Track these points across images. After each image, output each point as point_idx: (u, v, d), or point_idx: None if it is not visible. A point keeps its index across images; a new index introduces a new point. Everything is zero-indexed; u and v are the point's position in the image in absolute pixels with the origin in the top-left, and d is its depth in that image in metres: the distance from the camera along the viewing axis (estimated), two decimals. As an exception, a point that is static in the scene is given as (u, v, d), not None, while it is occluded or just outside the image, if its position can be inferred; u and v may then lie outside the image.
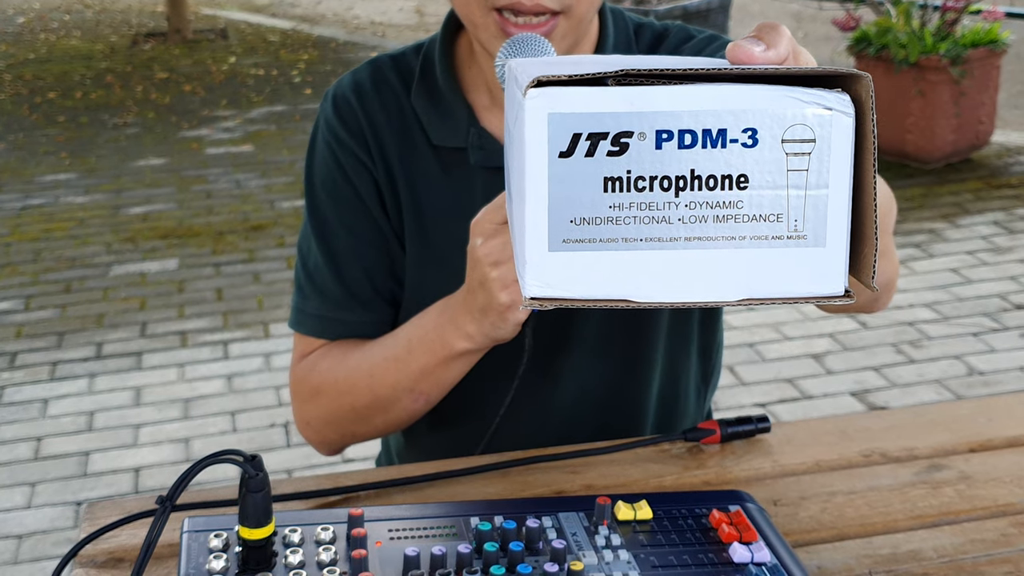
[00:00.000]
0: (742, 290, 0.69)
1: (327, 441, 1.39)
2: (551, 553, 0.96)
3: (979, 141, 5.68)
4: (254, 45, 9.33)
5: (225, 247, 5.00)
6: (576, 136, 0.66)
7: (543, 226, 0.68)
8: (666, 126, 0.67)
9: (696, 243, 0.68)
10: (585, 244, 0.68)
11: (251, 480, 0.93)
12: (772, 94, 0.67)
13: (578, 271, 0.69)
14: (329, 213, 1.35)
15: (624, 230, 0.68)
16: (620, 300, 0.69)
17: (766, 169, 0.67)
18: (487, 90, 1.32)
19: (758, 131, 0.67)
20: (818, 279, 0.69)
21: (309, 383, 1.35)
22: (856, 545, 1.10)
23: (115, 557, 1.09)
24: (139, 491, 3.23)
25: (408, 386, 1.26)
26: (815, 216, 0.68)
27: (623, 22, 1.33)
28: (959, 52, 5.33)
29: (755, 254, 0.68)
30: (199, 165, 6.19)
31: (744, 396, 3.60)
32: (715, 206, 0.67)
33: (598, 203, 0.67)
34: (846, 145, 0.68)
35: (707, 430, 1.27)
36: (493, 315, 1.12)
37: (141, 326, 4.27)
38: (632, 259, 0.68)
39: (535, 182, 0.67)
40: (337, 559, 0.96)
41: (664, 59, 0.92)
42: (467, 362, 1.24)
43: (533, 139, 0.67)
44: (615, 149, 0.67)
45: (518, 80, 0.73)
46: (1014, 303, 4.17)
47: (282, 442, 3.43)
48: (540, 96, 0.66)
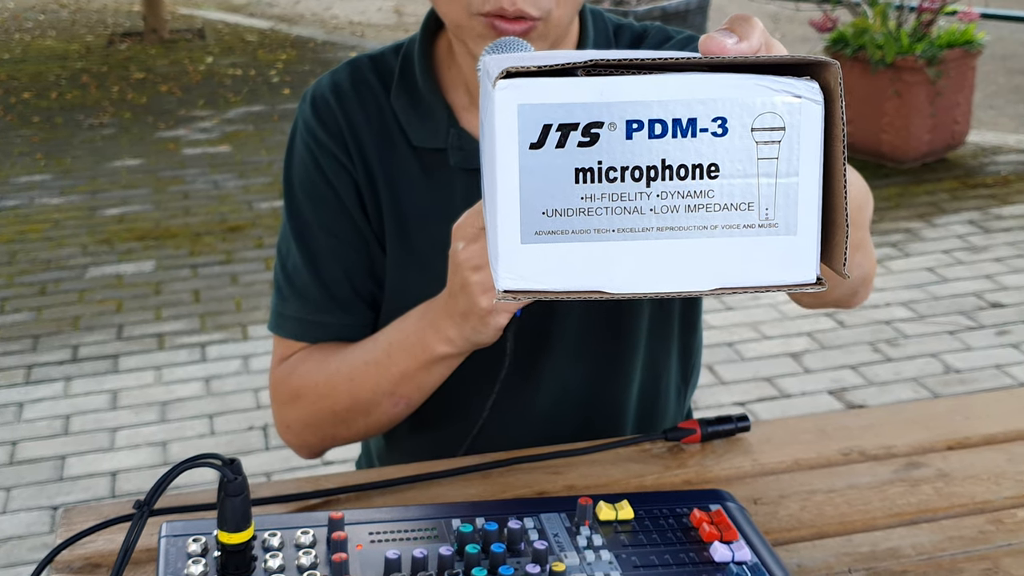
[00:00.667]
0: (714, 279, 0.69)
1: (307, 445, 1.38)
2: (533, 554, 0.96)
3: (955, 141, 5.71)
4: (232, 45, 9.30)
5: (202, 248, 4.98)
6: (546, 127, 0.66)
7: (515, 218, 0.68)
8: (636, 116, 0.67)
9: (668, 233, 0.68)
10: (557, 236, 0.68)
11: (229, 484, 0.92)
12: (741, 83, 0.67)
13: (551, 263, 0.68)
14: (308, 215, 1.34)
15: (596, 221, 0.68)
16: (594, 292, 0.69)
17: (736, 158, 0.67)
18: (466, 91, 1.31)
19: (728, 120, 0.67)
20: (790, 267, 0.69)
21: (289, 386, 1.35)
22: (836, 543, 1.10)
23: (92, 563, 1.09)
24: (116, 495, 3.21)
25: (388, 390, 1.26)
26: (786, 204, 0.68)
27: (603, 23, 1.33)
28: (935, 53, 5.36)
29: (727, 243, 0.69)
30: (176, 166, 6.16)
31: (723, 395, 3.61)
32: (686, 196, 0.67)
33: (570, 194, 0.67)
34: (816, 133, 0.68)
35: (687, 430, 1.27)
36: (474, 319, 1.12)
37: (117, 328, 4.25)
38: (604, 250, 0.68)
39: (506, 174, 0.67)
40: (317, 563, 0.96)
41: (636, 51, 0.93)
42: (448, 366, 1.23)
43: (503, 131, 0.66)
44: (586, 140, 0.67)
45: (490, 74, 0.73)
46: (990, 301, 4.19)
47: (261, 445, 3.42)
48: (509, 87, 0.66)
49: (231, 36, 9.68)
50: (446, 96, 1.32)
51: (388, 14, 10.46)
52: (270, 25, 10.07)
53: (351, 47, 8.97)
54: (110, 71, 8.47)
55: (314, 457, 1.41)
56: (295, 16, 10.51)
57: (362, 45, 8.99)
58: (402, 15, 10.36)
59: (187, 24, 10.13)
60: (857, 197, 1.10)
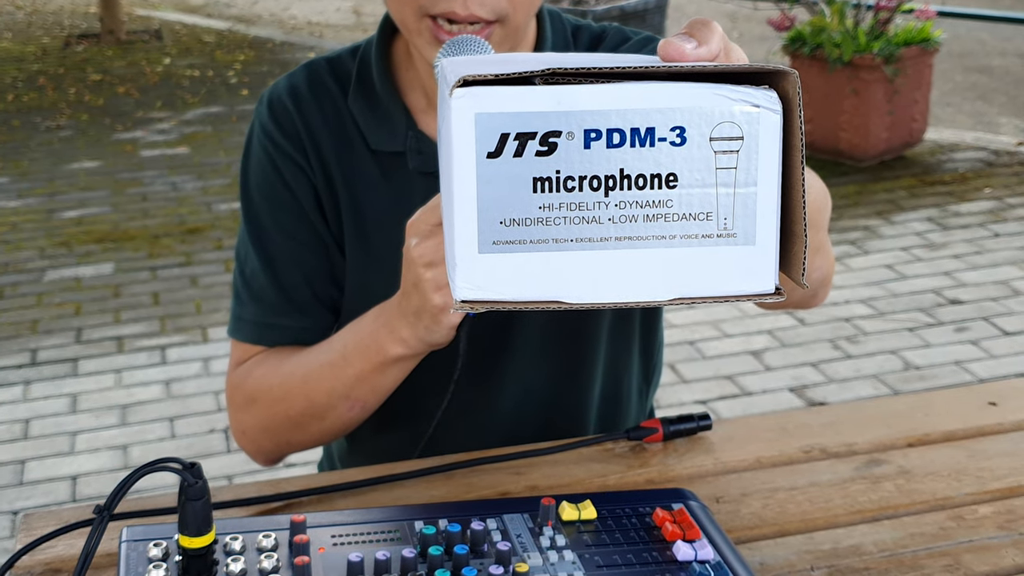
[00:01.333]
0: (673, 289, 0.69)
1: (263, 450, 1.37)
2: (496, 555, 0.96)
3: (912, 139, 5.75)
4: (189, 46, 9.24)
5: (161, 250, 4.94)
6: (504, 136, 0.66)
7: (472, 228, 0.67)
8: (594, 125, 0.66)
9: (626, 243, 0.68)
10: (515, 245, 0.68)
11: (190, 488, 0.92)
12: (699, 92, 0.66)
13: (509, 273, 0.68)
14: (266, 218, 1.33)
15: (554, 231, 0.67)
16: (552, 301, 0.69)
17: (695, 168, 0.67)
18: (424, 93, 1.31)
19: (686, 129, 0.66)
20: (749, 277, 0.69)
21: (244, 390, 1.34)
22: (798, 541, 1.11)
23: (52, 568, 1.08)
24: (77, 499, 3.18)
25: (344, 393, 1.25)
26: (744, 214, 0.68)
27: (561, 24, 1.33)
28: (892, 51, 5.40)
29: (685, 253, 0.68)
30: (134, 168, 6.12)
31: (685, 393, 3.63)
32: (645, 205, 0.67)
33: (527, 204, 0.67)
34: (774, 142, 0.68)
35: (649, 429, 1.27)
36: (427, 318, 1.11)
37: (76, 332, 4.21)
38: (563, 260, 0.68)
39: (463, 183, 0.66)
40: (279, 566, 0.95)
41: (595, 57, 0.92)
42: (403, 368, 1.22)
43: (460, 140, 0.66)
44: (544, 149, 0.66)
45: (447, 80, 0.72)
46: (948, 298, 4.23)
47: (222, 448, 3.40)
48: (466, 96, 0.66)
49: (188, 37, 9.62)
50: (404, 99, 1.32)
51: (346, 14, 10.43)
52: (228, 26, 10.02)
53: (309, 48, 8.93)
54: (67, 73, 8.40)
55: (270, 464, 1.40)
56: (253, 17, 10.46)
57: (320, 45, 8.96)
58: (360, 15, 10.33)
59: (144, 25, 10.06)
60: (816, 199, 1.11)
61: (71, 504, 3.13)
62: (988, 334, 3.95)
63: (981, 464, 1.23)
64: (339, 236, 1.33)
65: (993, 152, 5.85)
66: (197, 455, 3.32)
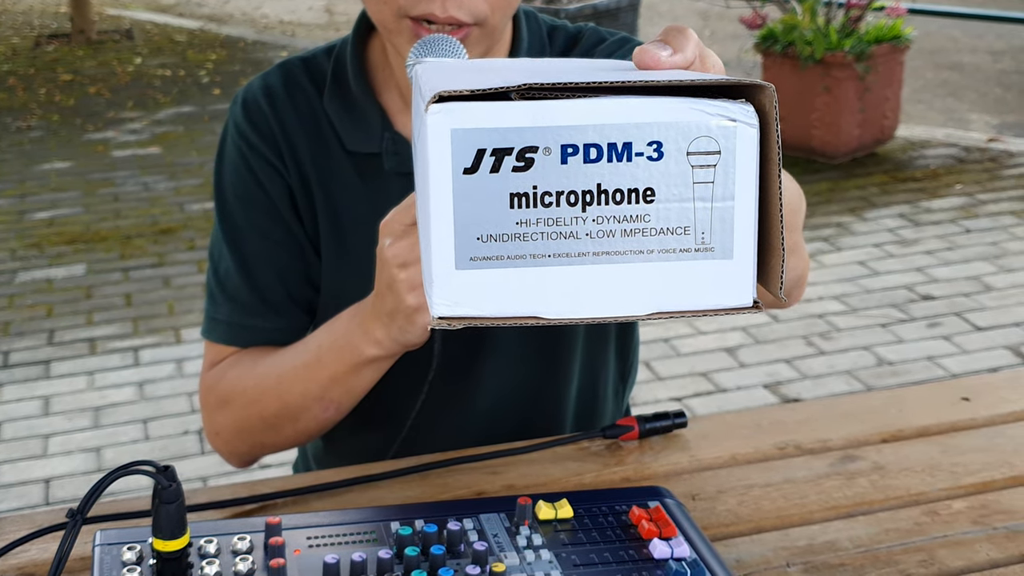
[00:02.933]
0: (651, 304, 0.69)
1: (237, 452, 1.36)
2: (473, 555, 0.96)
3: (884, 136, 5.78)
4: (160, 45, 9.20)
5: (134, 251, 4.92)
6: (480, 152, 0.66)
7: (449, 244, 0.67)
8: (571, 140, 0.66)
9: (604, 258, 0.68)
10: (493, 261, 0.67)
11: (164, 491, 0.91)
12: (676, 106, 0.67)
13: (486, 289, 0.68)
14: (240, 219, 1.32)
15: (532, 246, 0.67)
16: (530, 317, 0.69)
17: (672, 182, 0.67)
18: (400, 93, 1.31)
19: (663, 144, 0.66)
20: (726, 291, 0.69)
21: (217, 392, 1.33)
22: (773, 537, 1.11)
23: (25, 572, 1.07)
24: (50, 502, 3.16)
25: (318, 394, 1.24)
26: (722, 228, 0.68)
27: (536, 25, 1.33)
28: (863, 48, 5.43)
29: (663, 267, 0.68)
30: (106, 168, 6.08)
31: (660, 391, 3.63)
32: (622, 220, 0.67)
33: (505, 220, 0.67)
34: (751, 156, 0.68)
35: (625, 427, 1.27)
36: (401, 318, 1.11)
37: (48, 334, 4.19)
38: (540, 275, 0.68)
39: (439, 200, 0.66)
40: (255, 568, 0.95)
41: (569, 65, 0.91)
42: (377, 369, 1.22)
43: (436, 155, 0.66)
44: (520, 164, 0.66)
45: (422, 90, 0.71)
46: (920, 294, 4.26)
47: (196, 449, 3.39)
48: (442, 112, 0.65)
49: (160, 36, 9.57)
50: (379, 99, 1.31)
51: (319, 13, 10.40)
52: (199, 25, 9.97)
53: (282, 47, 8.90)
54: (37, 73, 8.34)
55: (244, 465, 1.39)
56: (224, 16, 10.41)
57: (293, 45, 8.93)
58: (333, 14, 10.30)
59: (115, 25, 10.00)
60: (791, 200, 1.11)
61: (44, 507, 3.11)
62: (960, 329, 3.97)
63: (955, 459, 1.24)
64: (314, 237, 1.33)
65: (964, 148, 5.89)
66: (171, 457, 3.31)
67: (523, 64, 0.92)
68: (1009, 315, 4.07)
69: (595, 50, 1.32)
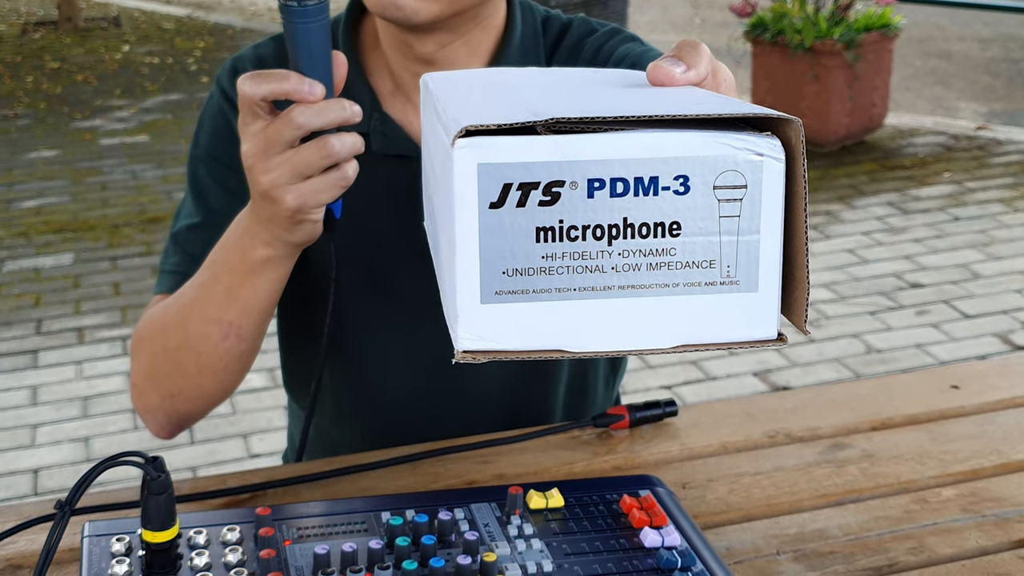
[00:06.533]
0: (676, 337, 0.69)
1: (151, 409, 1.28)
2: (464, 545, 0.96)
3: (873, 124, 5.79)
4: (148, 33, 9.17)
5: (121, 240, 4.90)
6: (507, 186, 0.65)
7: (475, 278, 0.66)
8: (598, 175, 0.65)
9: (630, 291, 0.67)
10: (518, 295, 0.67)
11: (153, 482, 0.91)
12: (703, 140, 0.66)
13: (511, 323, 0.67)
14: (209, 178, 1.30)
15: (557, 280, 0.67)
16: (555, 351, 0.68)
17: (698, 216, 0.67)
18: (390, 76, 1.30)
19: (690, 178, 0.66)
20: (751, 324, 0.69)
21: (135, 335, 1.28)
22: (763, 525, 1.11)
23: (14, 564, 1.07)
24: (39, 492, 3.16)
25: (216, 316, 1.18)
26: (747, 261, 0.68)
27: (532, 15, 1.32)
28: (853, 36, 5.44)
29: (688, 300, 0.68)
30: (93, 156, 6.06)
31: (651, 379, 3.64)
32: (648, 254, 0.67)
33: (531, 253, 0.66)
34: (777, 190, 0.67)
35: (616, 416, 1.27)
36: (282, 221, 1.06)
37: (36, 323, 4.17)
38: (566, 309, 0.67)
39: (465, 234, 0.66)
40: (245, 560, 0.94)
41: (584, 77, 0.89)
42: (271, 279, 1.15)
43: (462, 190, 0.65)
44: (547, 199, 0.65)
45: (440, 115, 0.71)
46: (909, 282, 4.27)
47: (186, 439, 3.38)
48: (469, 147, 0.65)
49: (147, 24, 9.53)
50: (369, 80, 1.31)
51: None
52: (187, 12, 9.94)
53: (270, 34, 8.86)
54: (24, 61, 8.31)
55: (166, 434, 1.30)
56: (213, 3, 10.38)
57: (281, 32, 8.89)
58: None
59: (102, 12, 9.97)
60: None
61: (33, 498, 3.11)
62: (949, 317, 3.99)
63: (944, 447, 1.24)
64: None
65: (952, 137, 5.90)
66: (160, 447, 3.30)
67: (537, 78, 0.91)
68: (997, 303, 4.08)
69: (585, 40, 1.32)
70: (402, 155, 1.27)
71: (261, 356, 1.27)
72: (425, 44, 1.23)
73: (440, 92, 0.78)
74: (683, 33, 8.47)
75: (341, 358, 1.35)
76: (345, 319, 1.32)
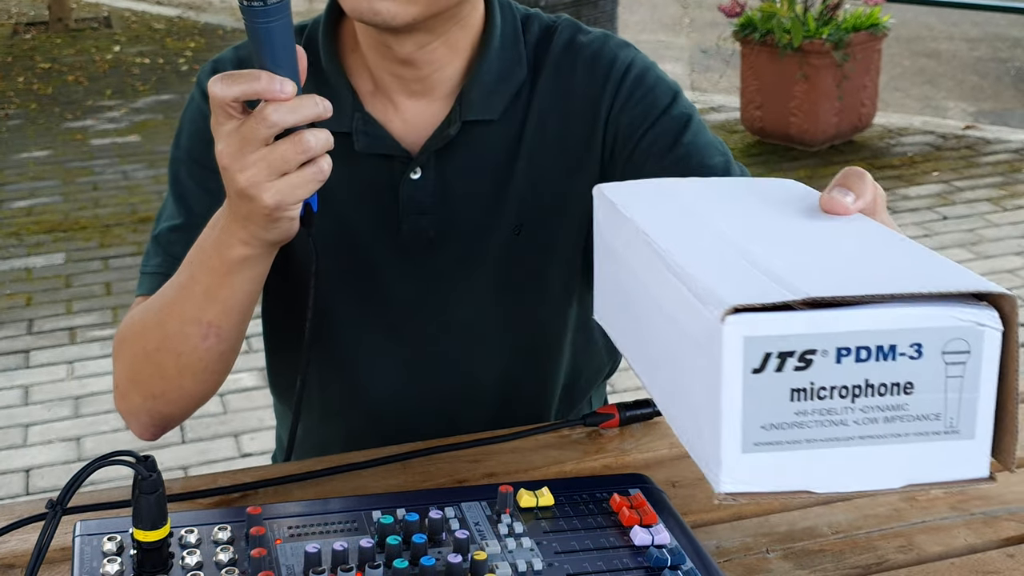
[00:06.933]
0: (903, 477, 0.79)
1: (134, 411, 1.28)
2: (454, 544, 0.96)
3: (862, 123, 5.80)
4: (139, 33, 9.15)
5: (113, 240, 4.90)
6: (767, 355, 0.75)
7: (737, 432, 0.76)
8: (846, 344, 0.75)
9: (868, 440, 0.77)
10: (773, 446, 0.77)
11: (144, 481, 0.91)
12: (936, 313, 0.75)
13: (766, 469, 0.77)
14: (190, 180, 1.30)
15: (807, 432, 0.77)
16: (802, 491, 0.78)
17: (928, 377, 0.76)
18: (370, 76, 1.30)
19: (923, 346, 0.76)
20: (967, 466, 0.79)
21: (117, 337, 1.28)
22: (753, 524, 1.11)
23: (5, 563, 1.07)
24: (31, 492, 3.15)
25: (194, 315, 1.18)
26: (967, 414, 0.78)
27: (511, 13, 1.32)
28: (841, 36, 5.45)
29: (916, 447, 0.78)
30: (84, 156, 6.05)
31: (640, 379, 3.63)
32: (885, 409, 0.77)
33: (785, 411, 0.76)
34: (995, 355, 0.77)
35: (606, 415, 1.27)
36: (259, 219, 1.06)
37: (28, 323, 4.17)
38: (813, 456, 0.77)
39: (731, 395, 0.75)
40: (236, 559, 0.95)
41: (768, 199, 1.00)
42: (249, 278, 1.15)
43: (730, 359, 0.75)
44: (801, 365, 0.75)
45: (677, 272, 0.82)
46: (899, 281, 4.27)
47: (177, 438, 3.38)
48: (738, 323, 0.74)
49: (138, 24, 9.52)
50: (350, 80, 1.31)
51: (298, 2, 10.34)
52: (178, 13, 9.93)
53: (262, 34, 8.85)
54: (15, 61, 8.29)
55: (149, 436, 1.30)
56: (203, 3, 10.37)
57: (273, 32, 8.88)
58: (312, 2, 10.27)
59: (93, 13, 9.95)
60: None
61: (24, 497, 3.10)
62: (938, 316, 3.99)
63: (932, 446, 1.24)
64: None
65: (941, 136, 5.92)
66: (152, 446, 3.30)
67: (716, 190, 1.06)
68: (987, 302, 4.09)
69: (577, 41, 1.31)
70: (384, 154, 1.28)
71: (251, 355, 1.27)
72: (404, 45, 1.23)
73: (647, 226, 0.91)
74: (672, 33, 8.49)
75: (326, 357, 1.35)
76: (329, 318, 1.33)
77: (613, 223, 0.99)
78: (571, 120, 1.30)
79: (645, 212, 0.96)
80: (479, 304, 1.33)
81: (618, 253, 0.98)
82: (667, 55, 7.66)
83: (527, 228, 1.31)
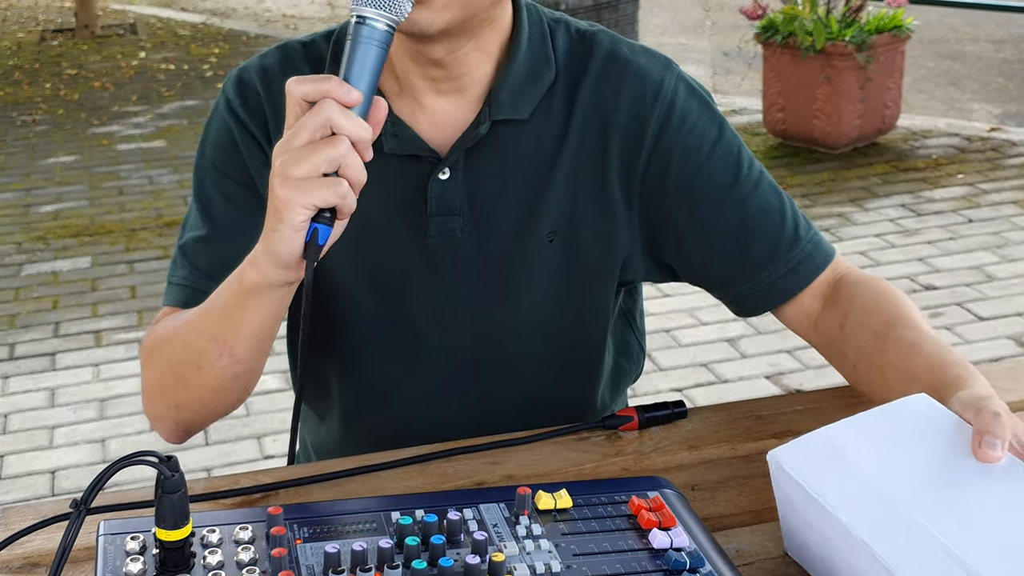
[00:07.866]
0: None
1: (160, 417, 1.30)
2: (472, 545, 0.97)
3: (885, 125, 5.78)
4: (164, 39, 9.20)
5: (138, 244, 4.93)
6: None
7: None
8: None
9: None
10: None
11: (167, 481, 0.92)
12: None
13: None
14: (215, 189, 1.31)
15: None
16: None
17: None
18: (395, 78, 1.31)
19: None
20: None
21: (145, 346, 1.30)
22: (773, 527, 1.11)
23: (31, 562, 1.08)
24: (56, 493, 3.18)
25: (213, 333, 1.20)
26: None
27: (537, 15, 1.32)
28: (864, 38, 5.42)
29: None
30: (110, 161, 6.09)
31: (661, 381, 3.64)
32: None
33: None
34: None
35: (625, 417, 1.28)
36: (271, 218, 1.07)
37: (54, 326, 4.20)
38: None
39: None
40: (257, 558, 0.96)
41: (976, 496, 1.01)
42: (260, 309, 1.15)
43: None
44: None
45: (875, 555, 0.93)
46: (922, 284, 4.26)
47: (200, 440, 3.40)
48: None
49: (164, 31, 9.57)
50: None
51: (321, 7, 10.40)
52: (203, 19, 9.98)
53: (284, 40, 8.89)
54: (42, 68, 8.35)
55: (176, 439, 1.32)
56: (228, 10, 10.41)
57: (297, 37, 8.92)
58: (335, 7, 10.30)
59: (119, 19, 10.01)
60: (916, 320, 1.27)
61: (50, 498, 3.13)
62: (962, 319, 3.98)
63: (952, 448, 1.24)
64: None
65: (966, 138, 5.89)
66: (174, 448, 3.32)
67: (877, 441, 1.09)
68: (1011, 305, 4.08)
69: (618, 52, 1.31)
70: (413, 155, 1.28)
71: (274, 358, 1.28)
72: (436, 50, 1.23)
73: (842, 513, 0.98)
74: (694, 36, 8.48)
75: (349, 360, 1.36)
76: (353, 319, 1.33)
77: (800, 498, 1.02)
78: (613, 134, 1.29)
79: (833, 493, 1.00)
80: (508, 310, 1.33)
81: (808, 519, 1.02)
82: (689, 58, 7.66)
83: (561, 235, 1.31)
